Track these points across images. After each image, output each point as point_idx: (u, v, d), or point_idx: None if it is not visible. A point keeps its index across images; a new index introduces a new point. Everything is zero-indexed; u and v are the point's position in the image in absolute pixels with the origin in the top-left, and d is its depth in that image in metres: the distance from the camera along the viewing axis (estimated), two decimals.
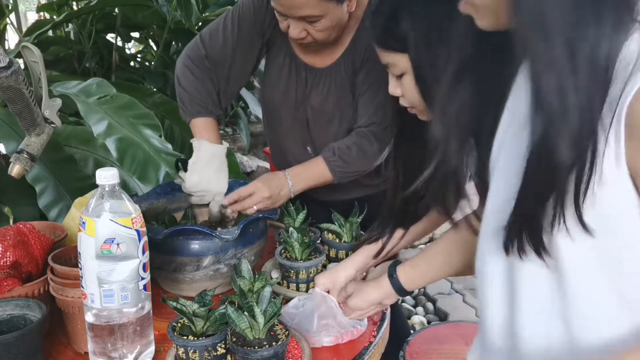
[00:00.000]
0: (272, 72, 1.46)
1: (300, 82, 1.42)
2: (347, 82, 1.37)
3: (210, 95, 1.38)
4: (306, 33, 1.25)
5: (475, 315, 2.62)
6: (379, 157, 1.37)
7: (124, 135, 1.61)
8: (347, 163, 1.34)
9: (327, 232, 1.35)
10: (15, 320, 0.94)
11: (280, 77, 1.44)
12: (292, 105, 1.44)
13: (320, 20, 1.22)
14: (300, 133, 1.47)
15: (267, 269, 1.30)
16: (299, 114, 1.45)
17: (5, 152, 1.67)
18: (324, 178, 1.36)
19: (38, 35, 2.45)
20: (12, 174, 1.17)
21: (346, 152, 1.34)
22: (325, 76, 1.39)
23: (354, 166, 1.35)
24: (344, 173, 1.35)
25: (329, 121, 1.42)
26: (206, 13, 2.95)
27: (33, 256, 1.04)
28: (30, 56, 1.14)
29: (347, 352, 1.02)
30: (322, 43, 1.31)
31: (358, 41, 1.35)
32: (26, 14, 4.80)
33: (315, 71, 1.40)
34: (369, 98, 1.34)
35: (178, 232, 1.11)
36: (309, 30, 1.24)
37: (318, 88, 1.40)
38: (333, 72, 1.38)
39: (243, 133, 3.27)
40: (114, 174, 0.87)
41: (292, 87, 1.43)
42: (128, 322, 0.90)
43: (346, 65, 1.37)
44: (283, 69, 1.43)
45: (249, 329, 0.89)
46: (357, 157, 1.34)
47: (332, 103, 1.39)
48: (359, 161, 1.35)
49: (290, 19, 1.23)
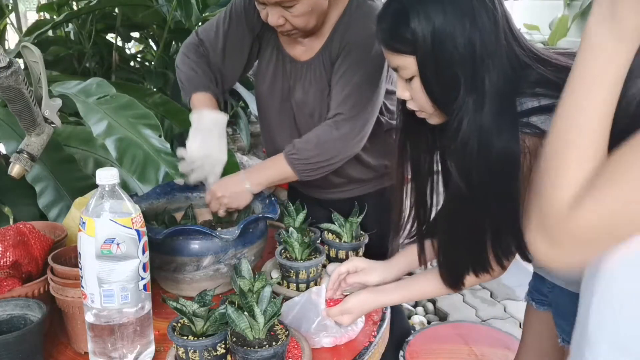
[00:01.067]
0: (262, 65, 1.47)
1: (285, 76, 1.43)
2: (326, 76, 1.37)
3: (207, 74, 1.41)
4: (284, 20, 1.25)
5: (475, 315, 2.62)
6: (342, 146, 1.30)
7: (123, 135, 1.61)
8: (307, 157, 1.29)
9: (327, 232, 1.35)
10: (15, 320, 0.94)
11: (267, 70, 1.45)
12: (279, 99, 1.45)
13: (296, 6, 1.22)
14: (288, 126, 1.47)
15: (267, 269, 1.30)
16: (285, 107, 1.45)
17: (5, 152, 1.67)
18: (285, 174, 1.31)
19: (38, 35, 2.45)
20: (12, 174, 1.17)
21: (305, 145, 1.29)
22: (307, 69, 1.39)
23: (314, 158, 1.29)
24: (305, 166, 1.30)
25: (311, 115, 1.41)
26: (206, 13, 2.95)
27: (33, 256, 1.04)
28: (30, 56, 1.14)
29: (347, 352, 1.02)
30: (304, 31, 1.30)
31: (336, 34, 1.34)
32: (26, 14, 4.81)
33: (299, 64, 1.40)
34: (339, 90, 1.32)
35: (178, 232, 1.11)
36: (286, 17, 1.24)
37: (300, 81, 1.40)
38: (313, 66, 1.38)
39: (243, 133, 3.27)
40: (114, 174, 0.87)
41: (279, 80, 1.44)
42: (128, 322, 0.90)
43: (325, 58, 1.36)
44: (270, 63, 1.44)
45: (249, 329, 0.89)
46: (316, 148, 1.29)
47: (313, 97, 1.38)
48: (319, 152, 1.29)
49: (268, 6, 1.24)
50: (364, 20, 1.31)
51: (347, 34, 1.32)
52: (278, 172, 1.32)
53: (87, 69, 2.78)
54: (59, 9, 2.83)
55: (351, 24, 1.32)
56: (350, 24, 1.32)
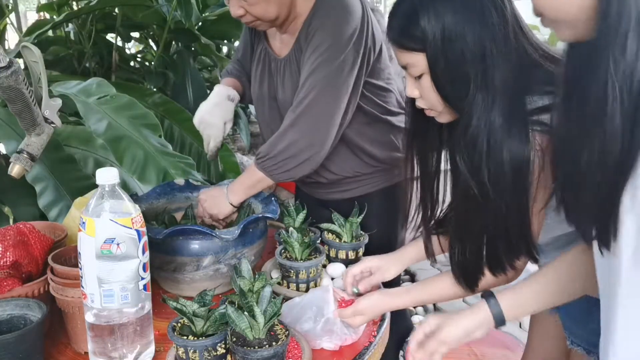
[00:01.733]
0: (253, 66, 1.49)
1: (270, 74, 1.44)
2: (299, 70, 1.35)
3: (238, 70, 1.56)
4: (243, 10, 1.26)
5: None
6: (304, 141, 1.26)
7: (123, 135, 1.61)
8: (272, 156, 1.27)
9: (327, 232, 1.35)
10: (15, 320, 0.94)
11: (257, 70, 1.46)
12: (267, 98, 1.46)
13: None
14: (278, 125, 1.46)
15: (267, 269, 1.30)
16: (273, 106, 1.45)
17: (5, 152, 1.67)
18: (258, 178, 1.30)
19: (38, 35, 2.45)
20: (12, 174, 1.17)
21: (268, 146, 1.28)
22: (284, 66, 1.39)
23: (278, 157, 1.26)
24: (274, 167, 1.28)
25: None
26: (206, 13, 2.95)
27: (33, 256, 1.04)
28: (30, 56, 1.14)
29: (347, 352, 1.02)
30: (268, 21, 1.30)
31: (305, 26, 1.33)
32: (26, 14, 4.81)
33: (278, 61, 1.41)
34: (301, 80, 1.29)
35: (178, 232, 1.11)
36: (244, 7, 1.26)
37: (279, 78, 1.40)
38: (289, 61, 1.38)
39: (243, 133, 3.27)
40: (114, 174, 0.87)
41: (265, 79, 1.45)
42: (128, 322, 0.90)
43: (297, 52, 1.36)
44: (259, 62, 1.46)
45: (249, 329, 0.89)
46: (278, 147, 1.26)
47: (291, 92, 1.36)
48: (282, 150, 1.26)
49: None
50: (328, 8, 1.30)
51: (313, 24, 1.30)
52: (251, 178, 1.31)
53: (87, 69, 2.78)
54: (59, 9, 2.83)
55: (318, 14, 1.31)
56: (316, 14, 1.31)
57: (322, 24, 1.29)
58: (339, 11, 1.29)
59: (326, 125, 1.28)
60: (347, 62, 1.27)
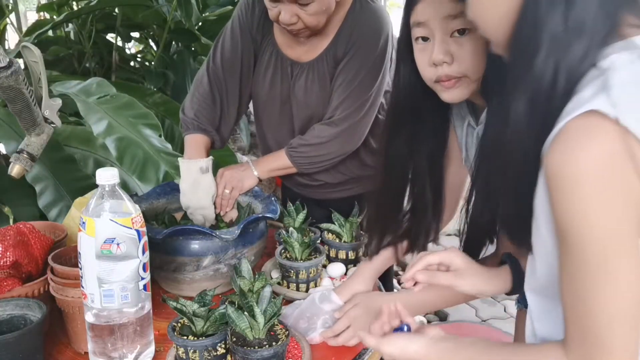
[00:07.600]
0: (260, 71, 1.47)
1: (285, 77, 1.44)
2: (329, 76, 1.39)
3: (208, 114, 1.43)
4: (297, 18, 1.26)
5: (476, 315, 2.62)
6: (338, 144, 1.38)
7: (123, 135, 1.61)
8: (305, 153, 1.39)
9: (327, 232, 1.35)
10: (15, 320, 0.94)
11: (266, 74, 1.45)
12: (278, 101, 1.46)
13: (311, 4, 1.23)
14: (287, 130, 1.49)
15: (267, 269, 1.30)
16: (285, 110, 1.47)
17: (5, 152, 1.67)
18: (286, 166, 1.41)
19: (38, 35, 2.46)
20: (12, 174, 1.17)
21: (303, 143, 1.38)
22: (309, 69, 1.40)
23: (311, 153, 1.38)
24: (304, 161, 1.40)
25: (310, 118, 1.43)
26: (206, 13, 2.95)
27: (33, 256, 1.04)
28: (30, 56, 1.14)
29: (348, 352, 1.02)
30: (313, 31, 1.31)
31: (341, 34, 1.36)
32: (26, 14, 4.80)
33: (300, 65, 1.42)
34: (340, 92, 1.36)
35: (178, 232, 1.11)
36: (299, 15, 1.25)
37: (301, 81, 1.41)
38: (316, 65, 1.39)
39: (243, 133, 3.26)
40: (114, 174, 0.87)
41: (278, 82, 1.45)
42: (128, 322, 0.90)
43: (329, 58, 1.38)
44: (269, 67, 1.45)
45: (249, 329, 0.89)
46: (314, 146, 1.38)
47: (315, 97, 1.40)
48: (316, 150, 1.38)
49: (281, 4, 1.24)
50: (368, 22, 1.34)
51: (353, 35, 1.34)
52: (280, 163, 1.42)
53: (87, 69, 2.78)
54: (59, 9, 2.83)
55: (357, 25, 1.35)
56: (355, 25, 1.35)
57: (362, 38, 1.34)
58: (374, 21, 1.35)
59: (362, 136, 1.41)
60: (385, 73, 1.37)
